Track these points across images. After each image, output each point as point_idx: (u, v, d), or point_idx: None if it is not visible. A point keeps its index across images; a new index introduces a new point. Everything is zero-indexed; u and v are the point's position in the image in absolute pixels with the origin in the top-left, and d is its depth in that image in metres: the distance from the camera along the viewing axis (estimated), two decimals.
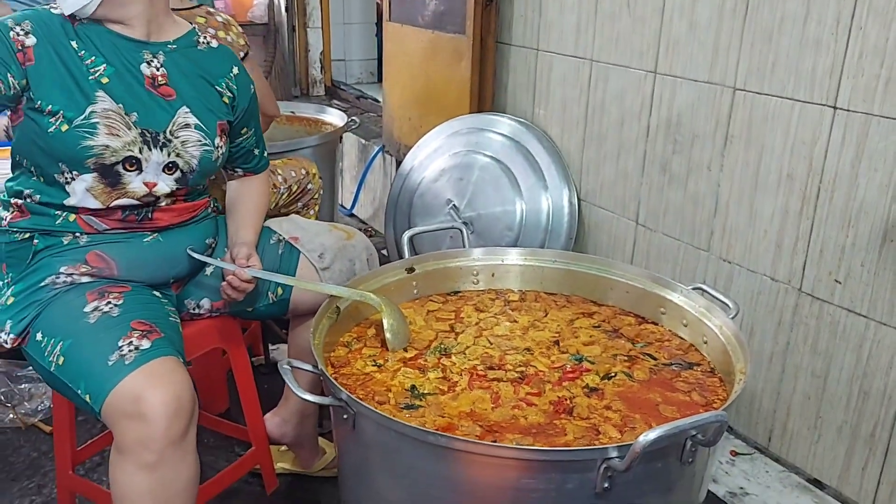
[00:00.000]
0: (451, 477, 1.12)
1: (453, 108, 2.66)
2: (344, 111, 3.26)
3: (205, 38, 1.51)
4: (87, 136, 1.30)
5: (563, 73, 2.36)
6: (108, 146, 1.32)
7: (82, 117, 1.30)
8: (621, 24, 2.10)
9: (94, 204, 1.37)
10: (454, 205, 2.49)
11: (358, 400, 1.15)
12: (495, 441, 1.17)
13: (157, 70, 1.40)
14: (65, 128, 1.30)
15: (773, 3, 1.69)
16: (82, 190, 1.35)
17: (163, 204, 1.43)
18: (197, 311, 1.58)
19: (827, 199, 1.66)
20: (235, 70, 1.52)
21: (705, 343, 1.46)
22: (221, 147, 1.48)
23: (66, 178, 1.34)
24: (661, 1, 1.96)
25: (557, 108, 2.41)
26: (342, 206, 3.74)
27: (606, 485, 1.07)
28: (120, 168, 1.34)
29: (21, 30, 1.30)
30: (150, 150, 1.37)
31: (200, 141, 1.42)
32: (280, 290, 1.60)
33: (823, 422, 1.74)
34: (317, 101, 4.05)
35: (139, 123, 1.36)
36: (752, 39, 1.75)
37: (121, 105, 1.34)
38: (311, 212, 2.35)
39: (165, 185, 1.40)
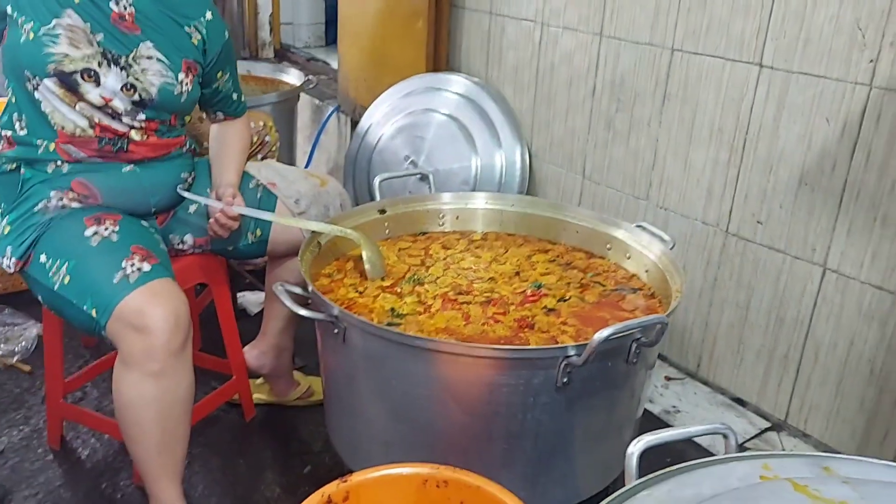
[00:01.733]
0: (435, 378, 1.28)
1: (409, 68, 2.78)
2: None
3: None
4: (50, 44, 1.42)
5: (515, 35, 2.52)
6: (67, 55, 1.42)
7: (48, 27, 1.42)
8: None
9: (63, 108, 1.45)
10: (412, 160, 2.62)
11: (350, 313, 1.30)
12: None
13: (125, 9, 1.49)
14: (31, 36, 1.42)
15: None
16: (48, 93, 1.44)
17: (136, 138, 1.53)
18: (181, 246, 1.68)
19: (752, 149, 1.87)
20: (209, 15, 1.61)
21: (646, 272, 1.65)
22: (186, 84, 1.56)
23: (34, 85, 1.44)
24: None
25: (510, 69, 2.57)
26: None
27: (566, 380, 1.25)
28: (78, 77, 1.44)
29: None
30: (109, 66, 1.46)
31: (161, 73, 1.51)
32: (259, 231, 1.72)
33: (745, 347, 1.98)
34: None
35: (102, 44, 1.46)
36: (689, 4, 1.94)
37: (88, 24, 1.45)
38: None
39: (122, 103, 1.48)
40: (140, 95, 1.49)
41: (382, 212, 1.79)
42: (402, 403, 1.33)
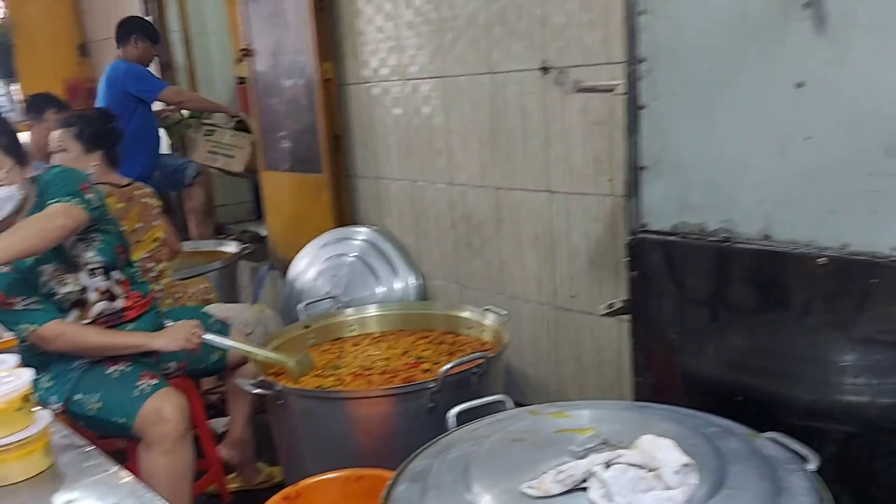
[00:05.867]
0: (348, 417, 1.96)
1: (321, 226, 3.58)
2: None
3: None
4: None
5: (396, 191, 3.38)
6: None
7: None
8: (425, 155, 3.16)
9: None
10: (332, 295, 3.37)
11: (286, 384, 1.99)
12: None
13: None
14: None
15: (507, 135, 2.77)
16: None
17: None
18: (168, 370, 2.34)
19: (558, 247, 2.70)
20: None
21: (493, 338, 2.40)
22: None
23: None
24: (446, 139, 3.04)
25: (396, 216, 3.41)
26: None
27: (432, 404, 1.95)
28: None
29: None
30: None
31: None
32: (220, 352, 2.40)
33: (584, 389, 2.71)
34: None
35: None
36: (500, 158, 2.83)
37: None
38: None
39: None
40: None
41: (307, 327, 2.51)
42: (328, 438, 1.99)
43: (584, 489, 1.15)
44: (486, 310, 2.46)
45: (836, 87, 1.32)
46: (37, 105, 3.66)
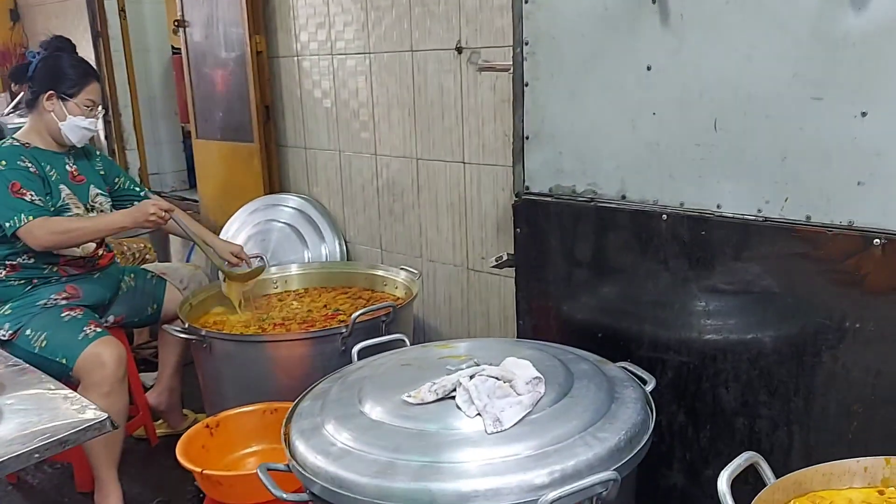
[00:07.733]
0: (268, 359, 2.17)
1: (252, 193, 3.74)
2: None
3: None
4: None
5: (324, 161, 3.56)
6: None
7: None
8: (352, 128, 3.35)
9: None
10: (261, 257, 3.54)
11: (210, 330, 2.18)
12: None
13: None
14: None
15: (427, 109, 2.99)
16: None
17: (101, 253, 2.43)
18: (106, 323, 2.49)
19: (471, 214, 2.94)
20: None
21: (405, 293, 2.63)
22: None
23: None
24: (371, 112, 3.24)
25: (324, 184, 3.60)
26: None
27: (343, 348, 2.17)
28: None
29: None
30: None
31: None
32: (155, 305, 2.57)
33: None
34: None
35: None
36: (421, 130, 3.05)
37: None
38: None
39: None
40: None
41: None
42: (248, 379, 2.20)
43: (454, 397, 1.40)
44: (401, 268, 2.69)
45: (674, 72, 1.58)
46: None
